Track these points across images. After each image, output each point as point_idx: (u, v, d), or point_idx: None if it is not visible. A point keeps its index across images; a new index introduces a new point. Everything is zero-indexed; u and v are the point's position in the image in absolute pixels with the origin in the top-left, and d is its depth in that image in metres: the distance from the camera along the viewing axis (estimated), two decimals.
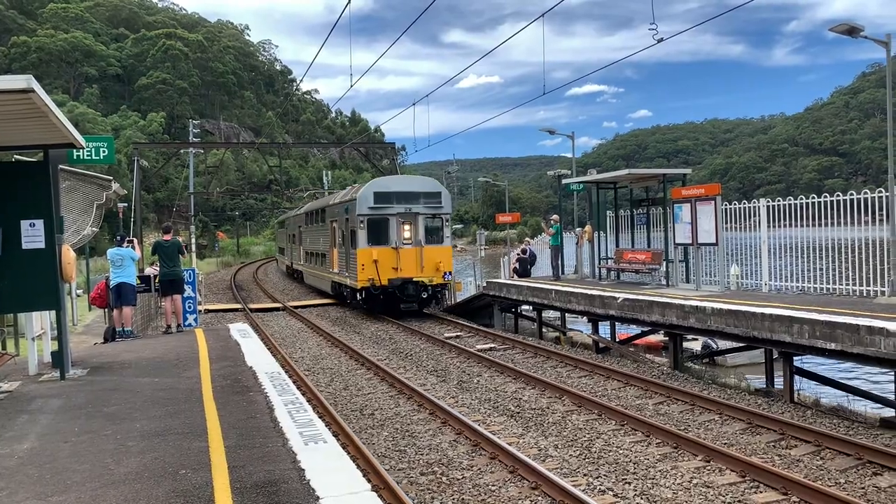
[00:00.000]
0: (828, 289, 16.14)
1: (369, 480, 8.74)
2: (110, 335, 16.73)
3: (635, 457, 9.93)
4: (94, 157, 13.31)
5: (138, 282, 17.39)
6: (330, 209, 31.40)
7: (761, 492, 8.47)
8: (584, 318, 20.42)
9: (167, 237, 17.28)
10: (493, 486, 8.99)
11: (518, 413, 12.64)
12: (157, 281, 17.80)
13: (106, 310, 17.90)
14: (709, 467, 9.32)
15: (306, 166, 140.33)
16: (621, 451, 10.21)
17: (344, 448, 9.60)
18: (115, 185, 15.54)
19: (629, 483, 8.93)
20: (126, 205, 36.77)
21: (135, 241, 19.99)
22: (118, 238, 17.12)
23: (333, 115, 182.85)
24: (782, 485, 8.39)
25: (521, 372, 15.55)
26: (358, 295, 26.55)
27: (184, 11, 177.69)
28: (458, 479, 9.25)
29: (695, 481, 8.88)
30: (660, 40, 11.42)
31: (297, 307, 31.27)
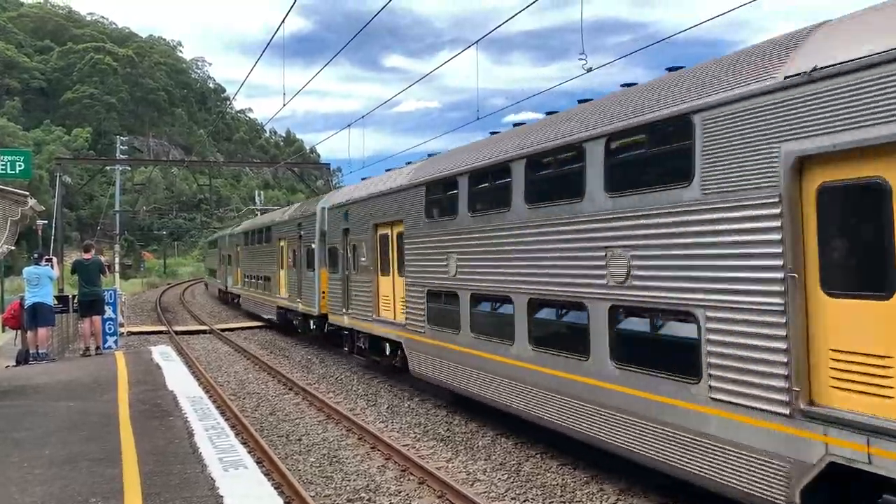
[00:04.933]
0: None
1: None
2: (23, 358, 15.96)
3: (563, 479, 9.97)
4: (9, 172, 12.79)
5: (56, 302, 16.68)
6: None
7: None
8: None
9: (87, 256, 16.64)
10: None
11: (448, 437, 12.57)
12: (75, 301, 17.11)
13: (19, 331, 17.08)
14: (632, 490, 9.43)
15: (238, 186, 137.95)
16: (549, 475, 10.24)
17: (268, 475, 9.37)
18: (31, 201, 14.89)
19: None
20: (46, 222, 35.36)
21: (54, 259, 19.20)
22: (35, 256, 16.41)
23: (267, 134, 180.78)
24: None
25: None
26: (312, 324, 23.22)
27: (114, 25, 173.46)
28: None
29: (619, 503, 8.98)
30: (589, 69, 11.70)
31: (224, 330, 30.51)
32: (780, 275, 6.41)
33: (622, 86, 10.10)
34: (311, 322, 23.07)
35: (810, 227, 6.26)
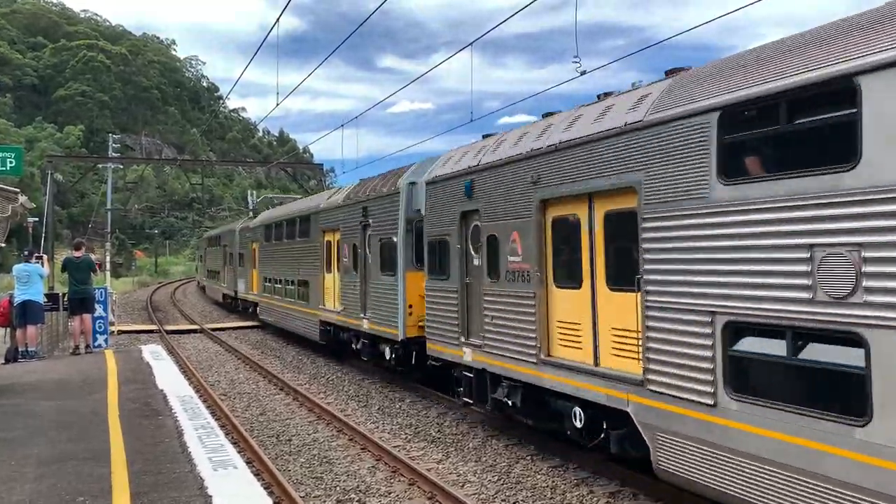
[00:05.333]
0: None
1: None
2: (12, 356, 15.85)
3: (553, 482, 9.97)
4: None
5: (45, 300, 16.59)
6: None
7: None
8: None
9: (78, 254, 16.55)
10: None
11: (439, 438, 12.56)
12: (65, 299, 17.02)
13: (8, 329, 16.99)
14: (622, 492, 9.44)
15: (231, 185, 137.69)
16: (540, 476, 10.24)
17: (258, 475, 9.35)
18: (22, 198, 14.85)
19: None
20: (37, 220, 35.20)
21: (44, 257, 19.12)
22: (25, 253, 16.32)
23: (261, 133, 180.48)
24: None
25: (441, 396, 15.47)
26: (390, 352, 16.47)
27: (107, 23, 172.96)
28: None
29: None
30: (583, 73, 11.73)
31: (215, 329, 30.41)
32: None
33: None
34: (389, 349, 16.65)
35: None
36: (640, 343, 8.21)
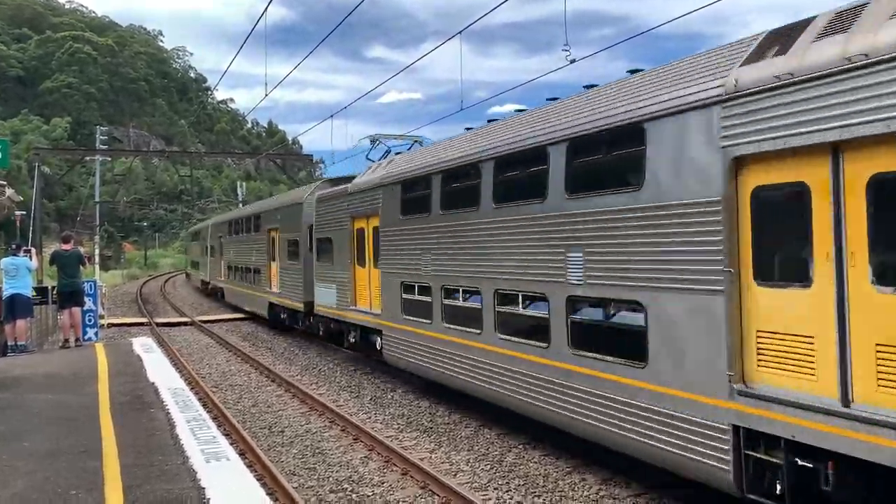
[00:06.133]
0: None
1: (276, 499, 8.54)
2: (1, 350, 15.76)
3: (545, 470, 10.03)
4: None
5: (34, 293, 16.50)
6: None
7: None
8: None
9: (66, 247, 16.45)
10: (403, 501, 8.91)
11: (431, 428, 12.60)
12: (54, 292, 16.93)
13: None
14: (614, 479, 9.50)
15: (220, 177, 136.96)
16: (532, 465, 10.30)
17: (250, 466, 9.35)
18: (9, 191, 14.75)
19: (538, 496, 9.01)
20: (24, 213, 34.97)
21: (33, 250, 19.05)
22: (13, 247, 16.22)
23: (249, 125, 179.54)
24: None
25: (433, 390, 15.50)
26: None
27: (93, 14, 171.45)
28: (369, 496, 9.12)
29: (601, 493, 9.04)
30: (572, 61, 11.74)
31: (206, 321, 30.34)
32: None
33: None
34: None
35: None
36: None
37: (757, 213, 6.81)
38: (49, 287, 17.79)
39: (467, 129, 13.84)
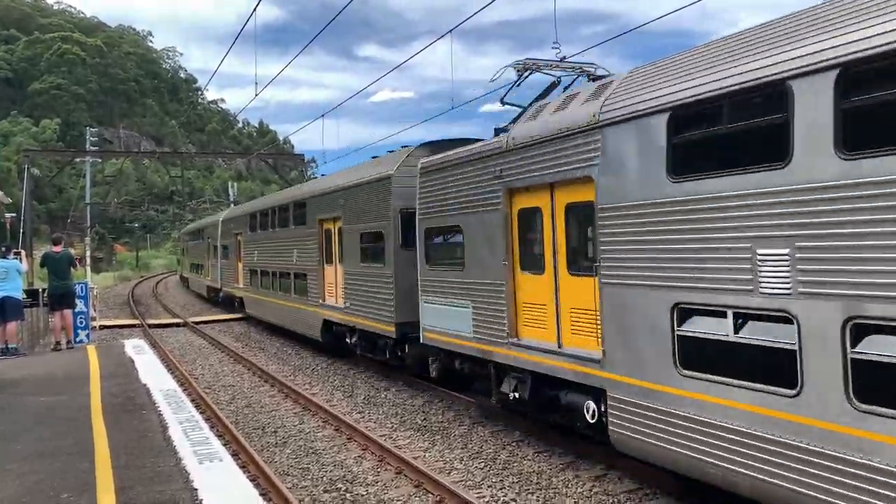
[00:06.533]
0: None
1: (269, 499, 8.53)
2: None
3: (539, 467, 10.05)
4: None
5: (25, 296, 16.41)
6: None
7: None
8: None
9: (57, 249, 16.37)
10: (397, 500, 8.91)
11: (425, 427, 12.60)
12: (45, 295, 16.84)
13: None
14: (607, 476, 9.52)
15: (211, 177, 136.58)
16: (526, 462, 10.31)
17: (244, 467, 9.34)
18: None
19: (532, 493, 9.02)
20: (14, 215, 34.79)
21: (23, 252, 18.94)
22: (3, 249, 16.12)
23: (240, 125, 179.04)
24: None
25: (427, 385, 15.50)
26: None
27: (82, 14, 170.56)
28: (363, 496, 9.12)
29: (595, 490, 9.06)
30: (562, 59, 11.72)
31: (198, 323, 30.25)
32: None
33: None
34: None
35: None
36: None
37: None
38: (40, 289, 17.69)
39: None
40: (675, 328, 7.52)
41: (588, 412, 9.12)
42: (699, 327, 7.31)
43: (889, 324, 5.63)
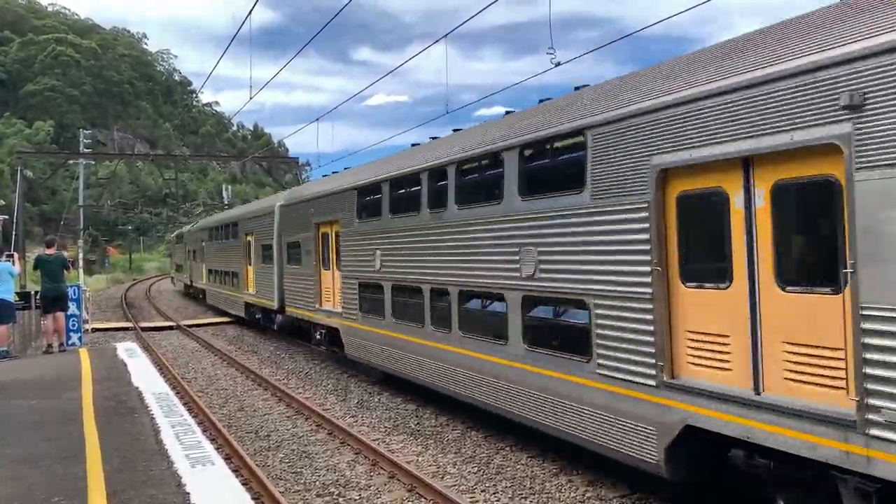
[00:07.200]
0: None
1: (262, 503, 8.50)
2: None
3: (532, 472, 10.04)
4: None
5: (17, 298, 16.33)
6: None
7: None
8: None
9: (50, 251, 16.31)
10: None
11: (418, 431, 12.58)
12: (37, 297, 16.77)
13: None
14: (600, 481, 9.52)
15: (205, 180, 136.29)
16: (519, 467, 10.30)
17: (236, 471, 9.29)
18: None
19: (525, 498, 9.01)
20: (7, 217, 34.66)
21: (15, 255, 18.84)
22: None
23: (235, 127, 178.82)
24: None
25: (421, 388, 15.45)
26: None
27: (76, 16, 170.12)
28: (356, 500, 9.10)
29: (588, 494, 9.06)
30: (557, 64, 11.76)
31: (191, 326, 30.16)
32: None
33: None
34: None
35: None
36: None
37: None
38: (32, 292, 17.60)
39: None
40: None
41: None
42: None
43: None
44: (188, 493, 5.75)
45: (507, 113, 12.01)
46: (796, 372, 6.22)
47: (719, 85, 6.74)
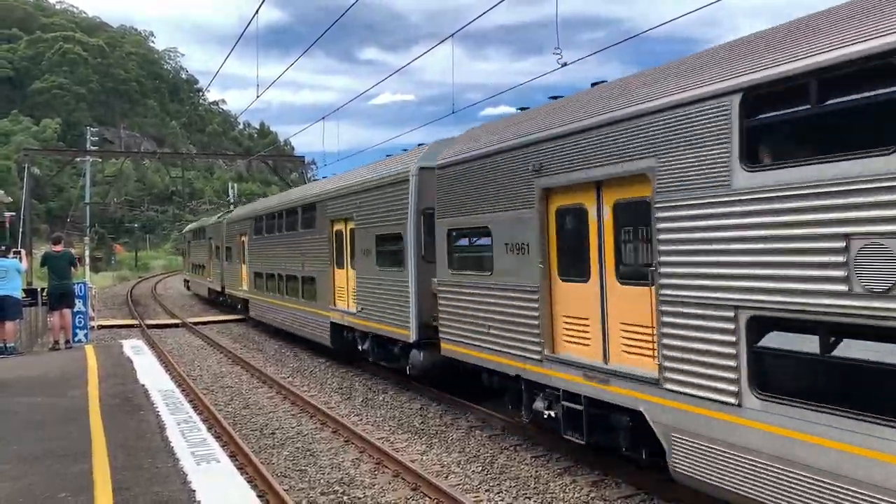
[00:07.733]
0: None
1: (267, 501, 8.53)
2: None
3: (536, 472, 10.04)
4: None
5: (24, 295, 16.41)
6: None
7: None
8: None
9: (57, 248, 16.38)
10: None
11: (423, 430, 12.59)
12: (44, 294, 16.84)
13: None
14: (605, 482, 9.52)
15: (211, 178, 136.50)
16: (523, 466, 10.30)
17: (241, 468, 9.33)
18: None
19: (529, 498, 9.02)
20: (14, 214, 34.81)
21: (22, 252, 18.95)
22: (3, 248, 16.13)
23: (241, 126, 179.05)
24: None
25: (425, 387, 15.50)
26: None
27: (84, 14, 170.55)
28: (360, 499, 9.11)
29: (592, 495, 9.05)
30: (564, 64, 11.76)
31: (197, 323, 30.24)
32: None
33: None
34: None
35: None
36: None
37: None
38: (39, 289, 17.68)
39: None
40: None
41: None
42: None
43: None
44: (193, 490, 5.77)
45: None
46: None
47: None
